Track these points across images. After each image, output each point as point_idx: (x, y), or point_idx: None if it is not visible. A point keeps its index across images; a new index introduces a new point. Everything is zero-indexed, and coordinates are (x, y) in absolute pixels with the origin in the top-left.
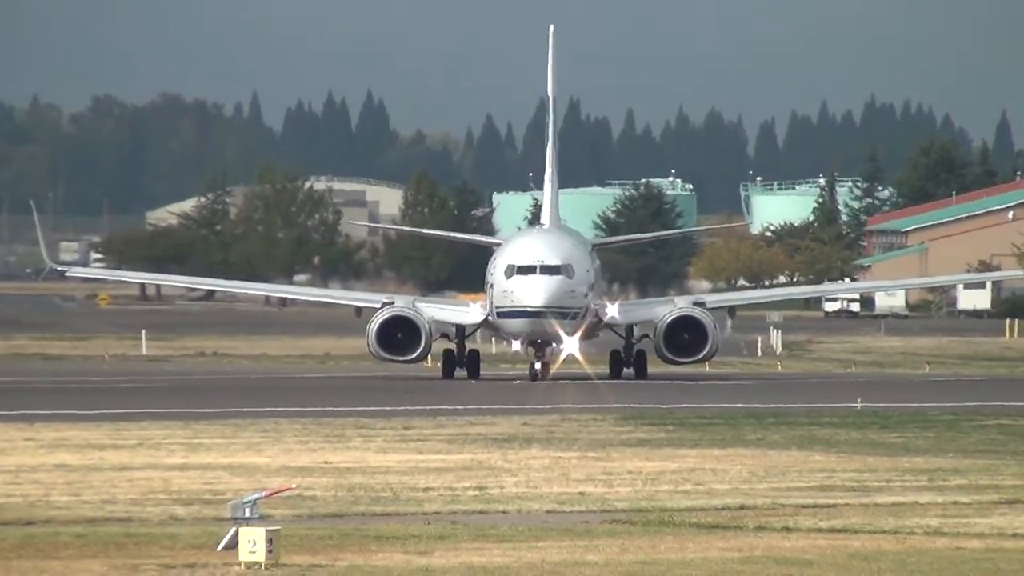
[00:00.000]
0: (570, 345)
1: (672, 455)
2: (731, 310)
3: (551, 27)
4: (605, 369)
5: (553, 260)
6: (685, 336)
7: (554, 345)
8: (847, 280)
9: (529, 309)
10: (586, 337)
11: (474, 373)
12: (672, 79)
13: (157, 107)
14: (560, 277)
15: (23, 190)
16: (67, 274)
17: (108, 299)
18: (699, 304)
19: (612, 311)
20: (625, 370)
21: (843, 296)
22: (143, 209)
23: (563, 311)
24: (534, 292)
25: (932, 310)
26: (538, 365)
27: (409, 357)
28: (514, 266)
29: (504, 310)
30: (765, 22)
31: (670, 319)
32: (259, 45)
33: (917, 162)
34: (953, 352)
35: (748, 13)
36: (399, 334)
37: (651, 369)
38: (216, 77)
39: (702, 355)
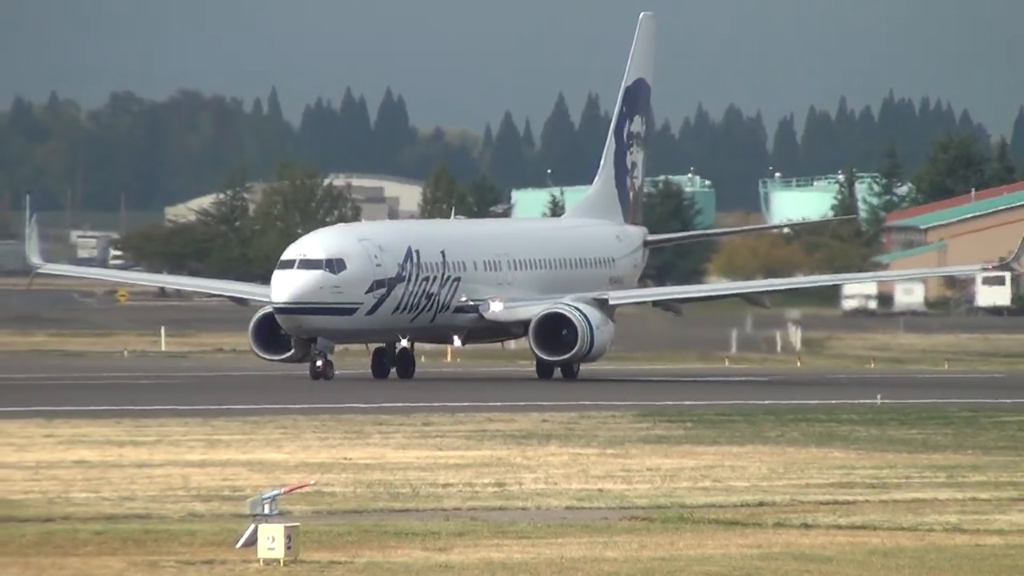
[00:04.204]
0: (456, 342)
1: (691, 452)
2: (665, 305)
3: (640, 15)
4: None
5: (316, 254)
6: (564, 332)
7: (325, 342)
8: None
9: (277, 304)
10: (477, 338)
11: (405, 373)
12: (690, 75)
13: (176, 103)
14: (317, 272)
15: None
16: (38, 271)
17: (127, 295)
18: (601, 300)
19: (496, 308)
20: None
21: (861, 293)
22: (162, 205)
23: (323, 307)
24: (282, 287)
25: (951, 307)
26: (319, 362)
27: (282, 356)
28: (280, 260)
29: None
30: (783, 18)
31: (539, 316)
32: (278, 42)
33: (936, 158)
34: (972, 349)
35: (766, 9)
36: (282, 331)
37: (583, 366)
38: (235, 73)
39: (571, 354)
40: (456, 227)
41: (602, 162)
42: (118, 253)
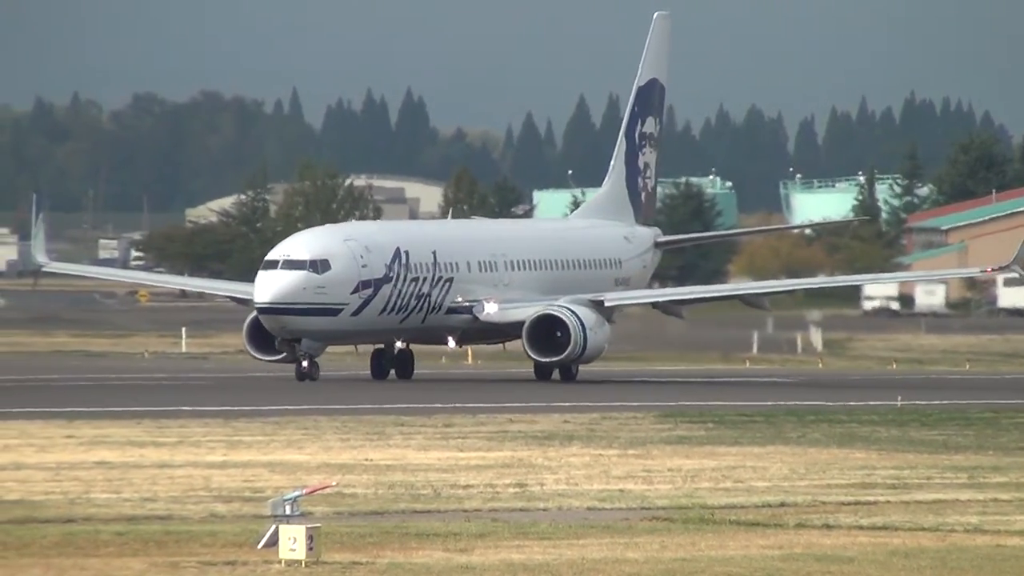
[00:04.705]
0: (450, 343)
1: (712, 452)
2: (665, 308)
3: (655, 15)
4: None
5: (300, 255)
6: (558, 335)
7: (311, 343)
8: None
9: (260, 305)
10: (472, 339)
11: (404, 373)
12: (712, 76)
13: (197, 104)
14: (301, 273)
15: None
16: (44, 270)
17: (148, 296)
18: (597, 302)
19: (490, 309)
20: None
21: (882, 295)
22: (183, 206)
23: (306, 308)
24: (264, 287)
25: (972, 308)
26: (304, 363)
27: (277, 357)
28: (264, 260)
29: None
30: (805, 19)
31: (532, 317)
32: (299, 43)
33: (957, 159)
34: (993, 350)
35: (788, 10)
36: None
37: (582, 368)
38: (256, 75)
39: (564, 355)
40: (451, 228)
41: (612, 163)
42: (139, 254)
